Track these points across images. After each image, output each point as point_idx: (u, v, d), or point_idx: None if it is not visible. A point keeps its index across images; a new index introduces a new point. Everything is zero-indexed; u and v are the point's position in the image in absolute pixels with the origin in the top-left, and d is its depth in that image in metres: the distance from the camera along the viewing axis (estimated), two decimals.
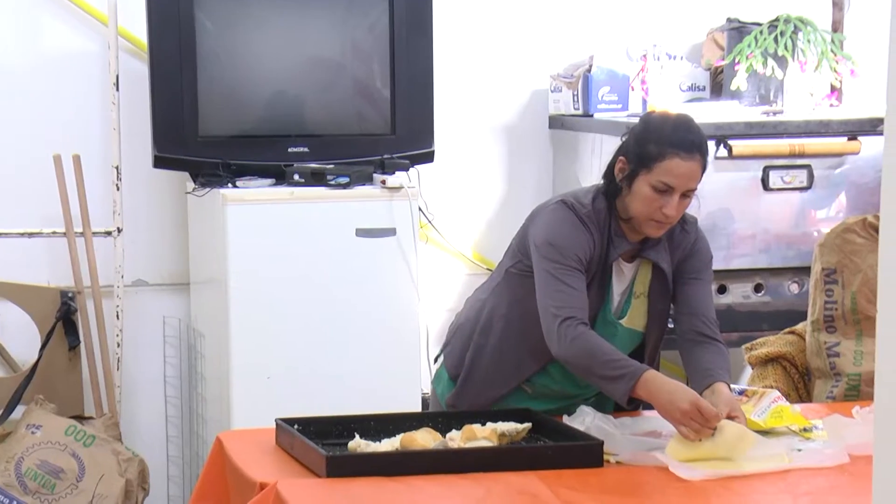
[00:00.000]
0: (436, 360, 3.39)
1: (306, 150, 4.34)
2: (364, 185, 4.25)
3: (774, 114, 4.49)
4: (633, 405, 3.01)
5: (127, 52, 4.57)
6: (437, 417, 3.02)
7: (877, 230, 3.52)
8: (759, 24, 4.56)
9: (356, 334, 4.22)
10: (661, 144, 3.01)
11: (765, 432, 2.99)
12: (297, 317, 4.18)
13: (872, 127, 4.39)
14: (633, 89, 4.60)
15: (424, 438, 2.80)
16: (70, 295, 4.44)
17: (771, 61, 4.48)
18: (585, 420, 2.96)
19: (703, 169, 3.04)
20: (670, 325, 3.22)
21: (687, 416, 2.80)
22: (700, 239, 3.19)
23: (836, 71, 4.57)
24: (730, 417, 2.86)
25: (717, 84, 4.72)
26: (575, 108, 4.66)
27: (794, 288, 4.41)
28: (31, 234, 4.47)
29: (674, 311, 3.20)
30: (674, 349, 4.47)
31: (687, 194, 3.02)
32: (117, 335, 4.53)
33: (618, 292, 3.14)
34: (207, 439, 4.36)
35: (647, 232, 3.07)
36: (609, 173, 3.12)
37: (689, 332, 3.14)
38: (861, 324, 3.60)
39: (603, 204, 3.09)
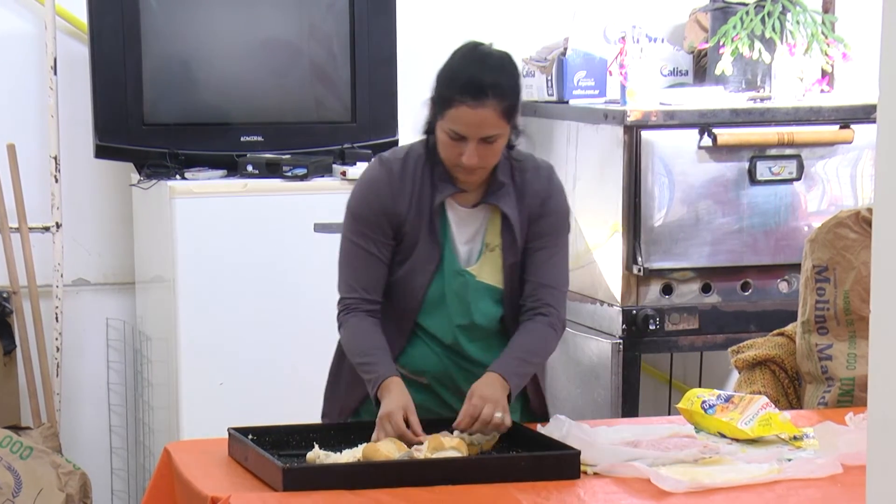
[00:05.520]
0: None
1: (260, 139, 4.34)
2: (323, 176, 4.26)
3: (762, 100, 4.52)
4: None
5: (65, 33, 4.55)
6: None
7: (871, 224, 3.55)
8: (746, 4, 4.58)
9: (315, 337, 4.21)
10: (450, 88, 2.95)
11: (752, 441, 3.02)
12: (251, 318, 4.18)
13: (866, 114, 4.42)
14: (611, 74, 4.61)
15: (388, 449, 2.81)
16: (5, 295, 4.43)
17: (758, 44, 4.51)
18: (562, 428, 2.98)
19: (505, 112, 2.93)
20: None
21: (382, 421, 2.89)
22: (554, 195, 3.11)
23: (827, 54, 4.60)
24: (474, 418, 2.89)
25: (701, 68, 4.75)
26: (549, 95, 4.67)
27: (783, 287, 4.44)
28: None
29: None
30: (655, 351, 4.53)
31: (488, 140, 2.94)
32: (56, 339, 4.52)
33: (461, 241, 3.08)
34: (154, 450, 4.36)
35: (458, 178, 3.02)
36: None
37: (526, 300, 3.09)
38: (854, 325, 3.62)
39: (423, 148, 3.06)
